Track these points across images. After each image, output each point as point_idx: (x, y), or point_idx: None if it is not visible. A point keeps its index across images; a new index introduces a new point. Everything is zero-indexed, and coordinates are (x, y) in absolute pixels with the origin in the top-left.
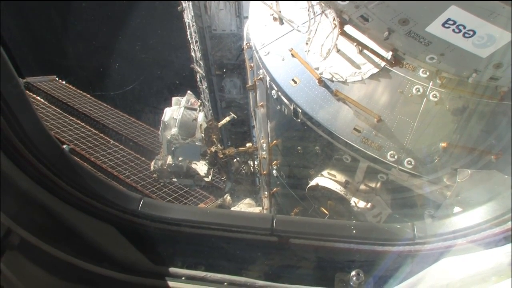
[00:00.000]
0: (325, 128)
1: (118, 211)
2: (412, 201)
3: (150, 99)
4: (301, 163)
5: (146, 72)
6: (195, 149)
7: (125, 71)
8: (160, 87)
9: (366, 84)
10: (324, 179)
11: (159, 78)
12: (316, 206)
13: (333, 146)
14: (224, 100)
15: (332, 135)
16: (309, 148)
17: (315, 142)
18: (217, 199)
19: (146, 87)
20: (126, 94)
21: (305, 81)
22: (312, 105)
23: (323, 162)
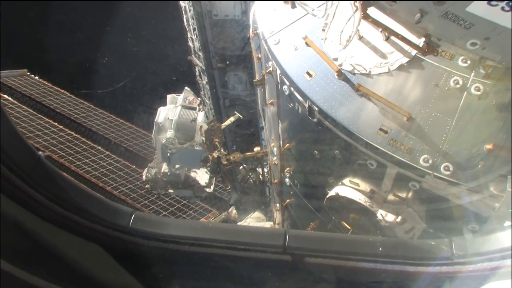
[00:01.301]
0: (345, 129)
1: (105, 227)
2: (449, 214)
3: (143, 98)
4: (318, 169)
5: (139, 67)
6: (195, 154)
7: (115, 66)
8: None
9: (394, 77)
10: (346, 188)
11: (154, 74)
12: (336, 220)
13: (355, 150)
14: (227, 98)
15: (354, 136)
16: (327, 152)
17: (334, 145)
18: (220, 213)
19: (139, 84)
20: (116, 93)
21: (321, 74)
22: (330, 102)
23: (343, 168)
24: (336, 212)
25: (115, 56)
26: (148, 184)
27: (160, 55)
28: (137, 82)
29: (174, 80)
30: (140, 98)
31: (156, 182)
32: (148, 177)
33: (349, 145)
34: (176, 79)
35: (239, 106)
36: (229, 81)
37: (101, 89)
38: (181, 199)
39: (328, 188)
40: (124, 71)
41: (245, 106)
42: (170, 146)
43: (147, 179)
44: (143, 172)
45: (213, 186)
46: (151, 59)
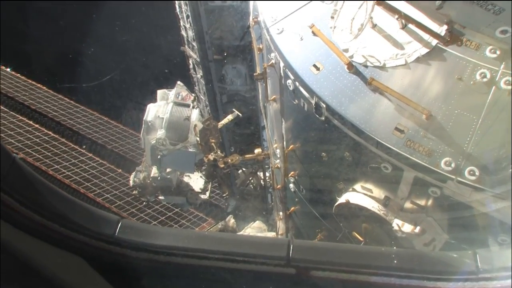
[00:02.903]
0: (356, 128)
1: (88, 237)
2: (474, 223)
3: (132, 93)
4: (327, 173)
5: (128, 58)
6: (188, 157)
7: (101, 58)
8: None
9: (411, 70)
10: (357, 195)
11: (144, 66)
12: (346, 230)
13: (367, 152)
14: (225, 93)
15: (366, 136)
16: (336, 154)
17: (344, 146)
18: (217, 222)
19: (128, 77)
20: (102, 87)
21: (330, 67)
22: (339, 98)
23: (354, 172)
24: (346, 221)
25: (101, 46)
26: (135, 190)
27: (151, 45)
28: (125, 75)
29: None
30: (129, 93)
31: (144, 187)
32: (136, 182)
33: (361, 146)
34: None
35: (238, 103)
36: (226, 75)
37: (86, 83)
38: (172, 207)
39: (337, 194)
40: (111, 63)
41: (244, 103)
42: (160, 147)
43: (135, 184)
44: (130, 176)
45: (208, 192)
46: (142, 50)
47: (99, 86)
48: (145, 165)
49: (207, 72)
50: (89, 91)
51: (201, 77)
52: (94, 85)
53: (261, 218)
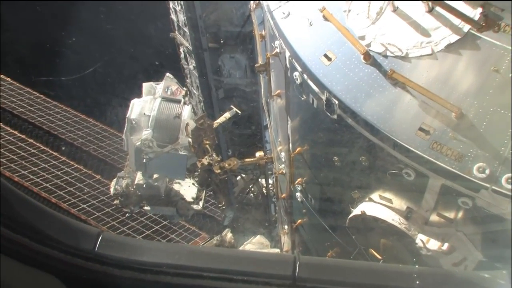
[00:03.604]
0: (374, 128)
1: (64, 253)
2: (510, 238)
3: (118, 88)
4: (339, 180)
5: (113, 49)
6: (179, 161)
7: (83, 48)
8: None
9: (439, 60)
10: (375, 205)
11: (132, 58)
12: (362, 246)
13: (387, 156)
14: (221, 87)
15: (385, 138)
16: (350, 158)
17: (360, 149)
18: (212, 236)
19: (113, 70)
20: (84, 81)
21: (343, 58)
22: (354, 93)
23: (371, 179)
24: (361, 236)
25: (83, 35)
26: (117, 199)
27: (140, 34)
28: (110, 68)
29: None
30: (114, 88)
31: (127, 197)
32: (118, 191)
33: (379, 149)
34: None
35: (237, 99)
36: (223, 66)
37: (66, 76)
38: (160, 219)
39: (351, 204)
40: (94, 54)
41: (244, 99)
42: (146, 149)
43: (116, 193)
44: (110, 184)
45: (202, 202)
46: (129, 39)
47: (81, 80)
48: (128, 171)
49: (200, 62)
50: (69, 85)
51: (193, 69)
52: (74, 79)
53: (263, 231)
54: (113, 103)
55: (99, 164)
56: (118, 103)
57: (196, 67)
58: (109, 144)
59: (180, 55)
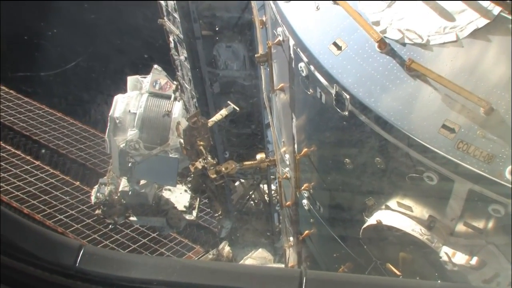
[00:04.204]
0: (391, 126)
1: (40, 269)
2: None
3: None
4: (351, 186)
5: (98, 41)
6: (169, 165)
7: (64, 40)
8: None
9: (464, 48)
10: (392, 214)
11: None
12: (378, 261)
13: (406, 157)
14: (217, 81)
15: (404, 137)
16: (364, 160)
17: (375, 149)
18: (207, 250)
19: (98, 64)
20: (66, 76)
21: (355, 46)
22: (368, 86)
23: (389, 184)
24: (377, 249)
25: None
26: (99, 209)
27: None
28: (95, 61)
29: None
30: (99, 84)
31: (111, 206)
32: (100, 199)
33: (397, 149)
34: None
35: (235, 94)
36: (219, 57)
37: (45, 71)
38: (148, 232)
39: (366, 213)
40: (77, 47)
41: (243, 94)
42: (132, 152)
43: (98, 201)
44: (91, 191)
45: (196, 211)
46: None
47: (62, 75)
48: (111, 176)
49: (193, 52)
50: (49, 81)
51: (185, 60)
52: (55, 74)
53: (265, 244)
54: (97, 100)
55: (78, 169)
56: (102, 100)
57: (188, 58)
58: (90, 146)
59: (169, 45)
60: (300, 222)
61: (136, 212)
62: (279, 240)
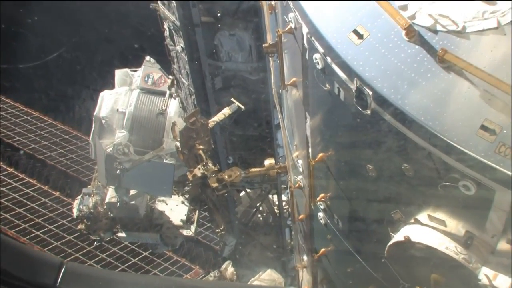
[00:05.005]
0: (421, 127)
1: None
2: None
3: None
4: (375, 196)
5: (83, 29)
6: (164, 172)
7: (46, 29)
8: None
9: (507, 36)
10: (422, 229)
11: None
12: (406, 284)
13: (438, 162)
14: (219, 75)
15: (435, 139)
16: (389, 166)
17: (402, 154)
18: (207, 271)
19: (83, 55)
20: (47, 68)
21: (379, 34)
22: (394, 81)
23: (418, 194)
24: (405, 270)
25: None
26: (82, 223)
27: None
28: (79, 52)
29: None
30: (84, 77)
31: (96, 220)
32: (83, 212)
33: (427, 154)
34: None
35: (239, 89)
36: (221, 47)
37: (24, 63)
38: (139, 250)
39: (392, 228)
40: (60, 36)
41: (248, 90)
42: (120, 157)
43: (81, 214)
44: (73, 203)
45: (194, 226)
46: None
47: (43, 68)
48: (96, 185)
49: (191, 42)
50: (28, 74)
51: (182, 51)
52: (35, 66)
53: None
54: (82, 96)
55: (58, 177)
56: (88, 96)
57: (185, 49)
58: (71, 150)
59: (164, 34)
60: (315, 238)
61: (125, 227)
62: (291, 259)
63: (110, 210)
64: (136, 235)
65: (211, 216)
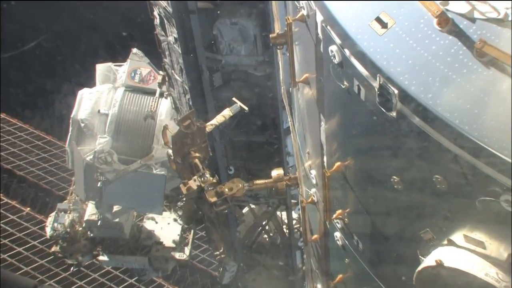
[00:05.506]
0: (456, 131)
1: None
2: None
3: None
4: (401, 213)
5: (64, 16)
6: (153, 184)
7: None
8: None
9: None
10: (457, 252)
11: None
12: None
13: (476, 174)
14: (217, 70)
15: (473, 146)
16: (418, 178)
17: (433, 163)
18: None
19: (64, 45)
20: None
21: (406, 22)
22: (423, 77)
23: (452, 210)
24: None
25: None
26: (56, 245)
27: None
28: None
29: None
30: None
31: (73, 241)
32: (58, 231)
33: (463, 163)
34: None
35: (242, 88)
36: (221, 38)
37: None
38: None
39: (421, 250)
40: (39, 22)
41: (253, 88)
42: (102, 167)
43: (56, 234)
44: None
45: (189, 248)
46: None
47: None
48: (73, 200)
49: (186, 32)
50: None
51: (175, 42)
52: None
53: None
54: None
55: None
56: (69, 92)
57: (179, 40)
58: (44, 158)
59: (154, 21)
60: (331, 262)
61: (108, 249)
62: (304, 286)
63: (90, 229)
64: (120, 259)
65: (208, 236)
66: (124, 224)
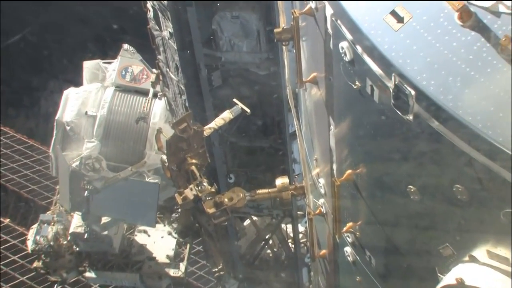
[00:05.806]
0: (479, 136)
1: None
2: None
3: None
4: (418, 226)
5: (51, 7)
6: (146, 194)
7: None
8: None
9: None
10: (479, 269)
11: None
12: None
13: (500, 183)
14: (217, 68)
15: (497, 153)
16: (437, 187)
17: (453, 171)
18: None
19: (51, 38)
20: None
21: (424, 17)
22: (443, 77)
23: (474, 224)
24: None
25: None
26: (39, 260)
27: None
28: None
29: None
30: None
31: (57, 255)
32: (40, 245)
33: (487, 171)
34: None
35: (244, 88)
36: (221, 33)
37: None
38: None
39: (440, 267)
40: (24, 14)
41: (256, 88)
42: (90, 174)
43: (38, 248)
44: (28, 233)
45: (185, 264)
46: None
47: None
48: (57, 211)
49: (182, 26)
50: None
51: (170, 37)
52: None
53: None
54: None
55: (7, 200)
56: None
57: (175, 35)
58: (26, 165)
59: (147, 14)
60: (340, 280)
61: (95, 265)
62: None
63: (76, 242)
64: (109, 276)
65: (206, 251)
66: (113, 238)
